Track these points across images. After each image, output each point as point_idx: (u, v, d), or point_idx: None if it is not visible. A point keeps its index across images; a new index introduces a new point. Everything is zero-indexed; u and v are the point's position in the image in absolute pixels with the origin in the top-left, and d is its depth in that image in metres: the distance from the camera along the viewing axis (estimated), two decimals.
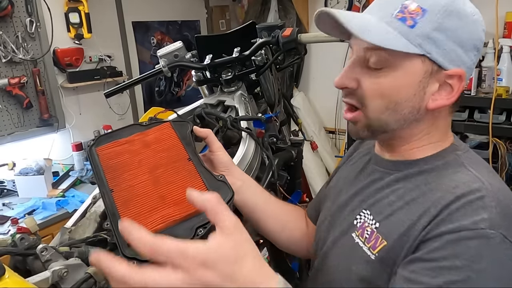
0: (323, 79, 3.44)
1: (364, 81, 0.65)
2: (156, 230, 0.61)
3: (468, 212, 0.56)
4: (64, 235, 0.80)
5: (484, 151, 2.32)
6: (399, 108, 0.64)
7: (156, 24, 3.16)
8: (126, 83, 1.29)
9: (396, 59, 0.62)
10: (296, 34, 1.05)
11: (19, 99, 2.27)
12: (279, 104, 1.20)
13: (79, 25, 2.51)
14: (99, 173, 0.71)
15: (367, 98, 0.65)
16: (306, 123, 3.35)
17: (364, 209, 0.71)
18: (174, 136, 0.78)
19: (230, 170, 0.84)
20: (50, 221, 1.95)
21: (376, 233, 0.66)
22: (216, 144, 0.84)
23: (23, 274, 0.60)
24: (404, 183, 0.68)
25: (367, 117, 0.66)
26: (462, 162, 0.66)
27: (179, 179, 0.69)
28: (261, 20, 3.40)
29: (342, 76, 0.66)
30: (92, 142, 0.77)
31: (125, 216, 0.63)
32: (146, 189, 0.68)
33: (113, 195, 0.67)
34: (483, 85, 2.37)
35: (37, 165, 2.15)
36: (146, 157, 0.74)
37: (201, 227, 0.61)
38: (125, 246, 0.59)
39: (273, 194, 1.09)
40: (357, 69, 0.65)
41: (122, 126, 0.81)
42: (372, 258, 0.64)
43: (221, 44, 1.14)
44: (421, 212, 0.61)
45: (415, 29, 0.60)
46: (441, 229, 0.57)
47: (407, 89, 0.63)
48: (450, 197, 0.59)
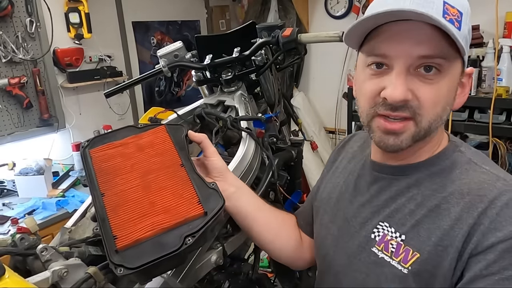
0: (323, 79, 3.44)
1: (421, 91, 0.60)
2: (145, 238, 0.61)
3: (509, 215, 0.56)
4: (64, 235, 0.80)
5: (484, 151, 2.32)
6: (444, 114, 0.63)
7: (156, 24, 3.16)
8: (126, 83, 1.29)
9: (448, 64, 0.60)
10: (296, 34, 1.05)
11: (19, 99, 2.27)
12: (279, 104, 1.20)
13: (79, 25, 2.51)
14: (91, 176, 0.71)
15: (424, 108, 0.61)
16: (306, 123, 3.35)
17: (381, 221, 0.68)
18: (168, 140, 0.78)
19: (224, 175, 0.83)
20: (50, 221, 1.94)
21: (404, 246, 0.63)
22: (210, 149, 0.83)
23: (23, 274, 0.60)
24: (418, 189, 0.66)
25: (419, 126, 0.62)
26: (469, 158, 0.66)
27: (170, 186, 0.69)
28: (261, 20, 3.40)
29: (400, 88, 0.59)
30: (86, 143, 0.77)
31: (115, 221, 0.63)
32: (137, 195, 0.67)
33: (104, 200, 0.67)
34: (483, 85, 2.36)
35: (37, 165, 2.14)
36: (139, 161, 0.73)
37: (189, 236, 0.61)
38: (114, 253, 0.59)
39: (273, 194, 1.09)
40: (409, 79, 0.60)
41: (118, 128, 0.81)
42: (405, 272, 0.62)
43: (221, 44, 1.14)
44: (453, 219, 0.60)
45: (461, 32, 0.59)
46: (490, 239, 0.56)
47: (451, 93, 0.63)
48: (484, 202, 0.58)
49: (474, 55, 2.32)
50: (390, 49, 0.60)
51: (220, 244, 0.90)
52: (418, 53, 0.58)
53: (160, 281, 0.71)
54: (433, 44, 0.58)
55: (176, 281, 0.73)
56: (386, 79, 0.61)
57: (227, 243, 0.92)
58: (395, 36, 0.60)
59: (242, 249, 1.02)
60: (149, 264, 0.58)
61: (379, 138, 0.65)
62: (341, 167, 0.85)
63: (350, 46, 0.67)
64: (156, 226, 0.62)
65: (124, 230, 0.62)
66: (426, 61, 0.59)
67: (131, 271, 0.57)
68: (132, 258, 0.59)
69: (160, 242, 0.61)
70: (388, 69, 0.62)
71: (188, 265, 0.77)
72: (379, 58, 0.62)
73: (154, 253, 0.59)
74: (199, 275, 0.84)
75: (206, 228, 0.63)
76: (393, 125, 0.62)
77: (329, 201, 0.83)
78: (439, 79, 0.60)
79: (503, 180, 0.61)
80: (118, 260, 0.58)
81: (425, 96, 0.60)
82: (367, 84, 0.65)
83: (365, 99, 0.65)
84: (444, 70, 0.60)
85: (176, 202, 0.66)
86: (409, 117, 0.61)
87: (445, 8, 0.57)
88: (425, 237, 0.61)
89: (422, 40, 0.58)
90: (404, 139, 0.63)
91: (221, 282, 0.93)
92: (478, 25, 2.32)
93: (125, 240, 0.61)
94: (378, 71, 0.63)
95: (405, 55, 0.59)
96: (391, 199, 0.68)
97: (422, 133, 0.63)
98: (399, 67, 0.60)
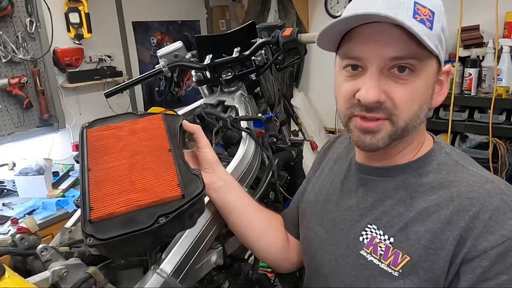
0: (323, 79, 3.43)
1: (395, 92, 0.61)
2: (119, 212, 0.62)
3: (501, 218, 0.57)
4: (64, 235, 0.80)
5: (484, 151, 2.32)
6: (421, 113, 0.64)
7: (156, 24, 3.16)
8: (126, 83, 1.29)
9: (421, 64, 0.61)
10: (296, 34, 1.05)
11: (19, 99, 2.27)
12: (279, 104, 1.20)
13: (79, 25, 2.51)
14: (83, 152, 0.74)
15: (399, 108, 0.61)
16: (306, 123, 3.35)
17: (369, 223, 0.68)
18: (162, 127, 0.80)
19: (213, 168, 0.84)
20: (50, 221, 1.94)
21: (393, 249, 0.63)
22: (202, 141, 0.84)
23: (23, 274, 0.60)
24: (405, 191, 0.66)
25: (396, 125, 0.63)
26: (455, 160, 0.66)
27: (153, 167, 0.70)
28: (261, 20, 3.40)
29: (372, 91, 0.60)
30: (87, 124, 0.81)
31: (94, 195, 0.65)
32: (120, 173, 0.69)
33: (89, 174, 0.69)
34: (483, 85, 2.37)
35: (37, 165, 2.14)
36: (130, 143, 0.76)
37: (163, 216, 0.62)
38: (87, 222, 0.61)
39: (273, 194, 1.09)
40: (382, 81, 0.61)
41: (118, 114, 0.84)
42: (396, 275, 0.62)
43: (221, 44, 1.14)
44: (443, 222, 0.60)
45: (433, 31, 0.59)
46: (483, 244, 0.56)
47: (427, 92, 0.63)
48: (474, 206, 0.58)
49: (474, 55, 2.32)
50: (362, 52, 0.61)
51: (220, 244, 0.90)
52: (389, 55, 0.59)
53: (160, 281, 0.71)
54: (403, 46, 0.59)
55: (176, 281, 0.73)
56: (360, 81, 0.62)
57: (227, 243, 0.92)
58: (367, 39, 0.61)
59: (242, 249, 1.02)
60: (118, 237, 0.59)
61: (357, 138, 0.66)
62: (327, 169, 0.85)
63: (325, 49, 0.68)
64: (132, 202, 0.63)
65: (101, 203, 0.64)
66: (398, 62, 0.60)
67: (99, 242, 0.59)
68: (103, 230, 0.60)
69: (133, 218, 0.62)
70: (363, 70, 0.63)
71: (188, 265, 0.77)
72: (353, 61, 0.63)
73: (125, 228, 0.60)
74: (199, 275, 0.84)
75: (181, 211, 0.64)
76: (369, 123, 0.63)
77: (316, 203, 0.83)
78: (413, 79, 0.61)
79: (491, 182, 0.61)
80: (90, 230, 0.60)
81: (399, 96, 0.61)
82: (343, 85, 0.66)
83: (342, 101, 0.66)
84: (417, 70, 0.61)
85: (156, 183, 0.67)
86: (384, 117, 0.62)
87: (416, 8, 0.59)
88: (414, 240, 0.61)
89: (391, 42, 0.59)
90: (380, 138, 0.63)
91: (221, 282, 0.93)
92: (478, 25, 2.31)
93: (100, 212, 0.62)
94: (354, 73, 0.64)
95: (377, 57, 0.60)
96: (379, 201, 0.69)
97: (400, 132, 0.63)
98: (372, 69, 0.61)
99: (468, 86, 2.36)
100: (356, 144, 0.67)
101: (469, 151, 2.32)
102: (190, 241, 0.78)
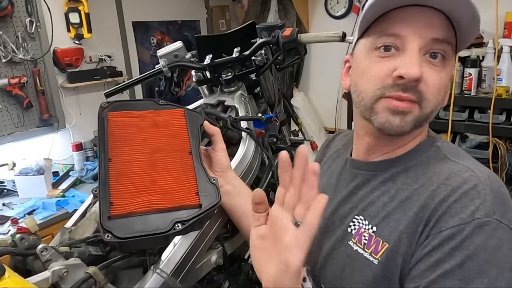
0: (323, 79, 3.43)
1: (429, 76, 0.60)
2: (138, 212, 0.63)
3: (465, 203, 0.56)
4: (64, 235, 0.80)
5: (484, 151, 2.32)
6: (439, 106, 0.64)
7: (156, 24, 3.16)
8: (126, 83, 1.29)
9: (452, 54, 0.61)
10: (296, 34, 1.05)
11: (19, 99, 2.27)
12: (279, 104, 1.20)
13: (79, 25, 2.51)
14: (103, 138, 0.73)
15: (430, 93, 0.61)
16: (306, 123, 3.35)
17: (356, 215, 0.69)
18: (184, 124, 0.80)
19: (225, 173, 0.86)
20: (50, 221, 1.95)
21: (375, 237, 0.64)
22: (220, 145, 0.86)
23: (23, 274, 0.60)
24: (393, 183, 0.67)
25: (423, 111, 0.62)
26: (444, 155, 0.66)
27: (174, 169, 0.71)
28: (261, 20, 3.40)
29: (416, 66, 0.59)
30: (105, 104, 0.79)
31: (115, 189, 0.65)
32: (141, 169, 0.69)
33: (110, 165, 0.69)
34: (483, 85, 2.36)
35: (37, 165, 2.15)
36: (151, 137, 0.75)
37: (179, 223, 0.62)
38: (106, 218, 0.61)
39: (273, 195, 1.09)
40: (420, 62, 0.60)
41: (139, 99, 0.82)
42: (375, 263, 0.62)
43: (221, 44, 1.14)
44: (418, 207, 0.60)
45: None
46: (440, 224, 0.56)
47: (449, 85, 0.64)
48: (447, 190, 0.58)
49: (474, 55, 2.32)
50: (403, 30, 0.60)
51: (220, 244, 0.90)
52: (431, 35, 0.60)
53: (160, 281, 0.71)
54: (443, 29, 0.60)
55: (176, 281, 0.73)
56: (398, 59, 0.61)
57: (227, 243, 0.92)
58: (409, 18, 0.61)
59: (242, 249, 1.02)
60: (135, 238, 0.60)
61: (384, 119, 0.63)
62: (326, 167, 0.86)
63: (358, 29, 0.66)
64: (152, 204, 0.64)
65: (121, 200, 0.64)
66: (436, 46, 0.60)
67: (117, 240, 0.60)
68: (121, 228, 0.61)
69: (151, 220, 0.63)
70: (398, 51, 0.62)
71: (188, 265, 0.77)
72: (391, 39, 0.61)
73: (143, 229, 0.61)
74: (199, 275, 0.85)
75: (196, 219, 0.65)
76: (403, 103, 0.61)
77: None
78: (442, 68, 0.61)
79: (471, 171, 0.60)
80: (108, 226, 0.60)
81: (432, 81, 0.61)
82: (374, 67, 0.64)
83: (372, 81, 0.64)
84: (447, 59, 0.62)
85: (176, 187, 0.68)
86: (416, 101, 0.61)
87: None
88: (393, 227, 0.62)
89: (434, 23, 0.60)
90: (409, 120, 0.62)
91: (221, 282, 0.93)
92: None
93: (120, 210, 0.63)
94: (387, 53, 0.62)
95: (418, 36, 0.60)
96: (367, 194, 0.70)
97: (423, 118, 0.63)
98: (413, 47, 0.60)
99: (468, 86, 2.36)
100: (381, 126, 0.64)
101: (469, 151, 2.31)
102: (190, 241, 0.78)
